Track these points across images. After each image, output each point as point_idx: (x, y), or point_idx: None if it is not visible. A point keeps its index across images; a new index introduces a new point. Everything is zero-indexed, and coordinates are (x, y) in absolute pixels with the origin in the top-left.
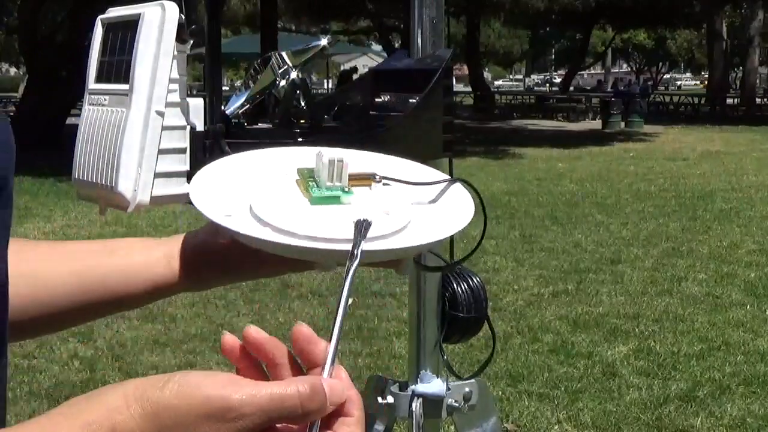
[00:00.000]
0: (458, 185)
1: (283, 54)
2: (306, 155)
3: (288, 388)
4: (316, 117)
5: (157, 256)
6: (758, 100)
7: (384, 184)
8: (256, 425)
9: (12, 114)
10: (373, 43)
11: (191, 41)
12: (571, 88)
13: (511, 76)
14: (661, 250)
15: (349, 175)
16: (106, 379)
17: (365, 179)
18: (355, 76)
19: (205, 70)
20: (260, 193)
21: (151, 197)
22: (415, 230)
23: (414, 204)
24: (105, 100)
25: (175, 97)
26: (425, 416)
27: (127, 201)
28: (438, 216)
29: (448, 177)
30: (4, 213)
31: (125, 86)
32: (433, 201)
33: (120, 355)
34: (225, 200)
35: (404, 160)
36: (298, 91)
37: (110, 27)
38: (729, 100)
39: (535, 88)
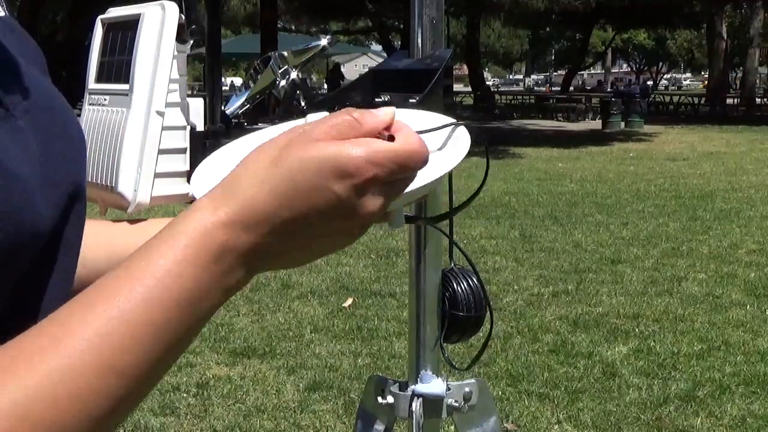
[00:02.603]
0: (460, 128)
1: (284, 54)
2: None
3: (405, 144)
4: None
5: None
6: (758, 100)
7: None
8: (380, 178)
9: None
10: (373, 43)
11: (191, 41)
12: (571, 88)
13: (510, 76)
14: (661, 250)
15: None
16: None
17: None
18: (347, 72)
19: (204, 70)
20: None
21: (151, 197)
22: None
23: None
24: (105, 100)
25: (175, 97)
26: (425, 416)
27: (127, 201)
28: (433, 158)
29: (447, 120)
30: (83, 203)
31: (125, 86)
32: (440, 149)
33: None
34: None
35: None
36: (298, 91)
37: (110, 27)
38: (729, 100)
39: (535, 88)
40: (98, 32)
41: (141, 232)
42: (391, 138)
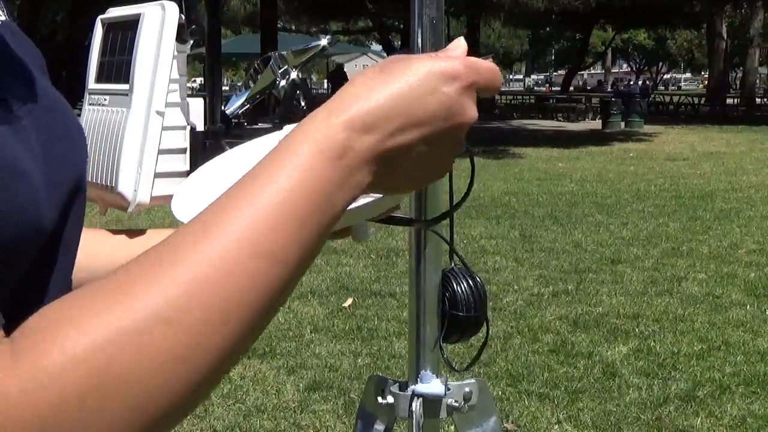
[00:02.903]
0: None
1: (283, 54)
2: None
3: (487, 62)
4: None
5: None
6: (758, 100)
7: None
8: (479, 85)
9: None
10: (373, 43)
11: (191, 41)
12: (571, 88)
13: (510, 76)
14: (661, 250)
15: None
16: None
17: None
18: (347, 73)
19: (205, 70)
20: None
21: (151, 197)
22: None
23: None
24: (105, 100)
25: (175, 97)
26: (425, 416)
27: (127, 201)
28: None
29: None
30: (82, 204)
31: (125, 86)
32: None
33: None
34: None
35: None
36: (298, 91)
37: (110, 27)
38: (729, 100)
39: (535, 88)
40: (98, 32)
41: (140, 243)
42: None
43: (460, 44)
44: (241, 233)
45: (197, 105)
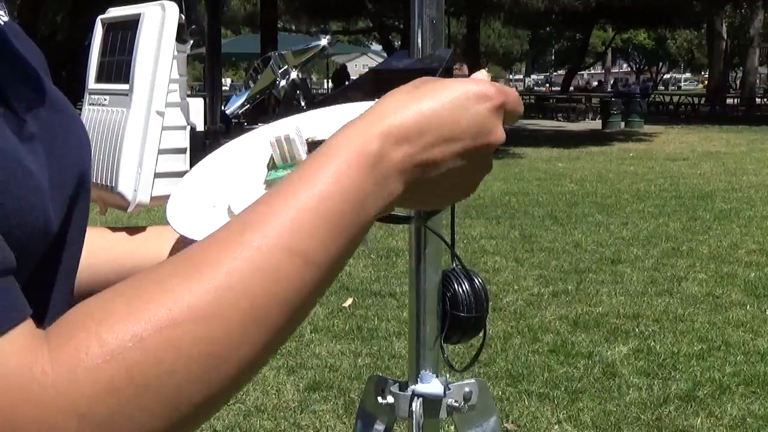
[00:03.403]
0: None
1: (283, 54)
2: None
3: (512, 89)
4: None
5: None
6: (758, 100)
7: None
8: (508, 106)
9: None
10: (373, 43)
11: (191, 41)
12: (571, 88)
13: (511, 76)
14: (661, 250)
15: (309, 142)
16: None
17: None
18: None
19: (205, 70)
20: (234, 190)
21: (151, 197)
22: None
23: None
24: (105, 100)
25: (175, 97)
26: (425, 416)
27: (127, 201)
28: None
29: None
30: (86, 204)
31: (125, 86)
32: None
33: None
34: (203, 211)
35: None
36: (298, 91)
37: (110, 27)
38: (729, 100)
39: (535, 88)
40: (98, 32)
41: (141, 240)
42: None
43: (484, 74)
44: (277, 234)
45: (197, 105)
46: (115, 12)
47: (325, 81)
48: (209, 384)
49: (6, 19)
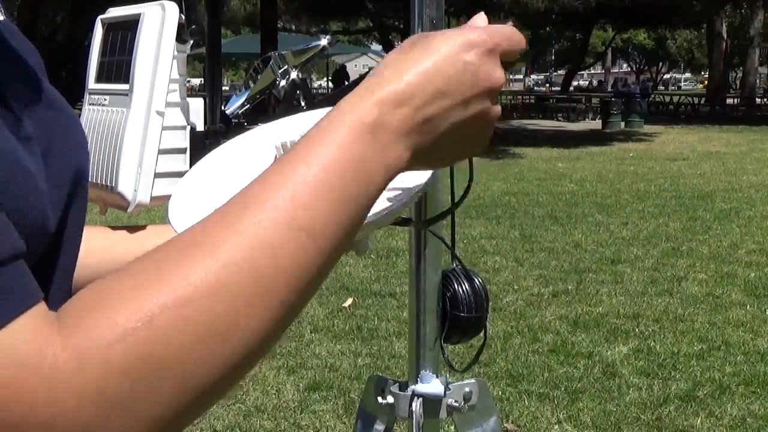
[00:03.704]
0: None
1: (283, 54)
2: (286, 131)
3: (506, 26)
4: None
5: None
6: (758, 100)
7: None
8: (494, 50)
9: None
10: (373, 43)
11: (191, 41)
12: (571, 88)
13: (511, 76)
14: (661, 250)
15: None
16: None
17: None
18: (353, 74)
19: (205, 70)
20: (234, 190)
21: (151, 197)
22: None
23: None
24: (105, 100)
25: (175, 97)
26: (425, 416)
27: (127, 201)
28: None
29: None
30: (83, 203)
31: (125, 86)
32: None
33: None
34: (203, 211)
35: None
36: (298, 91)
37: (110, 27)
38: (729, 100)
39: (535, 88)
40: (98, 32)
41: (140, 238)
42: None
43: (480, 17)
44: (280, 209)
45: (197, 105)
46: (115, 12)
47: (325, 81)
48: (220, 360)
49: (1, 18)
